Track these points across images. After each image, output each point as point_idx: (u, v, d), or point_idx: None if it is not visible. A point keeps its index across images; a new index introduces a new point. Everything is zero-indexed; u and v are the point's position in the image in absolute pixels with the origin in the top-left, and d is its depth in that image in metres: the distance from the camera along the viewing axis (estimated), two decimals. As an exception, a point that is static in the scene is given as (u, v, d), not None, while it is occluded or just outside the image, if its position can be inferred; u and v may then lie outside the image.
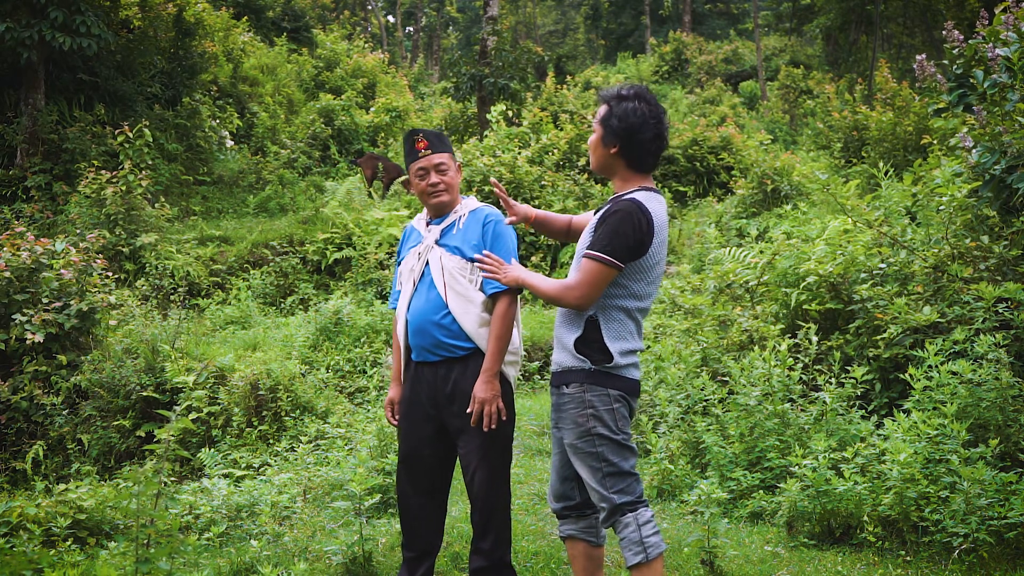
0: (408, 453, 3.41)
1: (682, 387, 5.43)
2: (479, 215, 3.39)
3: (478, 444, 3.25)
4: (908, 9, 22.93)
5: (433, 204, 3.39)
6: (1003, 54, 4.48)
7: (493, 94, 15.48)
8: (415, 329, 3.31)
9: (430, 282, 3.32)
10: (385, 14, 40.58)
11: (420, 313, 3.30)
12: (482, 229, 3.34)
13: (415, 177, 3.40)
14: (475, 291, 3.28)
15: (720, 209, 12.84)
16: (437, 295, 3.28)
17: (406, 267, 3.44)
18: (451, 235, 3.37)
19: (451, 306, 3.26)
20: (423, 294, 3.32)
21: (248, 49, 17.54)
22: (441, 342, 3.27)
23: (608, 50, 39.38)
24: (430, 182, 3.36)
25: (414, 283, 3.36)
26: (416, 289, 3.36)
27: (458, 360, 3.28)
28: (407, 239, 3.55)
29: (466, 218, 3.39)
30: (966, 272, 4.66)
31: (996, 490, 3.54)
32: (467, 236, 3.34)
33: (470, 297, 3.27)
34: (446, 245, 3.35)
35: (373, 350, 7.54)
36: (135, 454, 6.35)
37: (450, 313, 3.26)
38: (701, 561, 3.78)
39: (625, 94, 2.87)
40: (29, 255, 6.82)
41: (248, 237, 10.73)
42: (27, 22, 10.52)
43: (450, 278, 3.28)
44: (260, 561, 3.87)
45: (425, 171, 3.36)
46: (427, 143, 3.37)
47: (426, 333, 3.28)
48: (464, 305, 3.26)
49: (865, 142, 13.14)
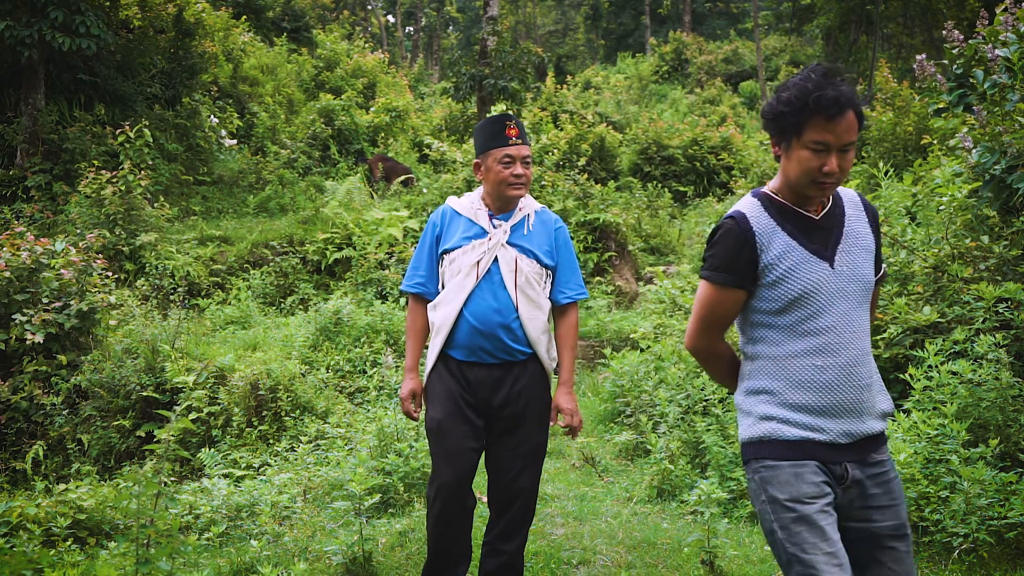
0: (461, 450, 3.13)
1: (682, 387, 5.43)
2: (545, 217, 3.29)
3: (530, 448, 3.18)
4: (908, 9, 22.92)
5: (510, 195, 3.20)
6: (1003, 54, 4.48)
7: (493, 94, 15.48)
8: (478, 330, 3.13)
9: (499, 282, 3.16)
10: (385, 14, 40.57)
11: (487, 314, 3.13)
12: (555, 234, 3.26)
13: (498, 164, 3.17)
14: (545, 298, 3.22)
15: (720, 209, 12.85)
16: (507, 297, 3.15)
17: (467, 259, 3.18)
18: (522, 235, 3.23)
19: (521, 311, 3.15)
20: (488, 293, 3.15)
21: (248, 49, 17.53)
22: (506, 346, 3.14)
23: (608, 50, 39.39)
24: (515, 172, 3.17)
25: (477, 278, 3.16)
26: (478, 286, 3.16)
27: (516, 364, 3.17)
28: (450, 223, 3.29)
29: (534, 219, 3.27)
30: (966, 272, 4.66)
31: (996, 490, 3.54)
32: (539, 240, 3.23)
33: (540, 304, 3.19)
34: (518, 246, 3.20)
35: (373, 350, 7.54)
36: (135, 454, 6.35)
37: (519, 318, 3.15)
38: (701, 561, 3.78)
39: None
40: (29, 255, 6.82)
41: (248, 237, 10.73)
42: (27, 22, 10.51)
43: (524, 282, 3.16)
44: (260, 561, 3.87)
45: (512, 160, 3.17)
46: (518, 131, 3.20)
47: (491, 336, 3.13)
48: (532, 311, 3.17)
49: (865, 142, 13.14)
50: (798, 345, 2.22)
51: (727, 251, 2.24)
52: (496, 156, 3.18)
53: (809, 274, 2.20)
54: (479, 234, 3.22)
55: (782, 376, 2.23)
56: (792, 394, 2.21)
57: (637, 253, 11.38)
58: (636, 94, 26.25)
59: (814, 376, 2.19)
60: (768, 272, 2.22)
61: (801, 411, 2.20)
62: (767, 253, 2.22)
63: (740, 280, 2.25)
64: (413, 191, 12.98)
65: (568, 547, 4.16)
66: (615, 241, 10.95)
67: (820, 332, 2.20)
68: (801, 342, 2.22)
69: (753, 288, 2.27)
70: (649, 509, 4.74)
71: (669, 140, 16.15)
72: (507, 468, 3.19)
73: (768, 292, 2.24)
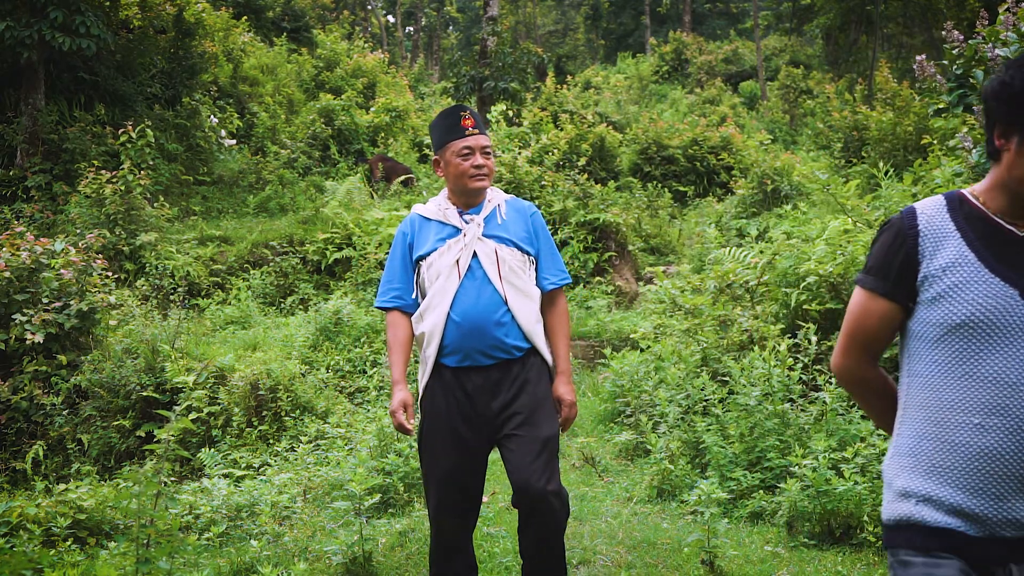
0: (451, 470, 3.00)
1: (682, 387, 5.43)
2: (518, 206, 3.16)
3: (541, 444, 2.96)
4: (908, 9, 22.91)
5: (473, 188, 3.07)
6: (1003, 54, 4.48)
7: (493, 94, 15.49)
8: (468, 331, 2.95)
9: (482, 277, 3.00)
10: (385, 14, 40.58)
11: (474, 313, 2.96)
12: (530, 220, 3.12)
13: (456, 156, 3.04)
14: (533, 286, 3.07)
15: (720, 209, 12.85)
16: (493, 291, 2.98)
17: (443, 260, 3.03)
18: (496, 226, 3.08)
19: (511, 303, 2.98)
20: (473, 291, 2.98)
21: (248, 49, 17.53)
22: (501, 344, 2.96)
23: (608, 50, 39.40)
24: (474, 163, 3.04)
25: (459, 277, 3.00)
26: (461, 285, 3.00)
27: (515, 361, 2.99)
28: (419, 230, 3.14)
29: (505, 208, 3.13)
30: (966, 272, 4.65)
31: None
32: (515, 227, 3.09)
33: (529, 292, 3.04)
34: (496, 236, 3.05)
35: (373, 350, 7.54)
36: (135, 454, 6.35)
37: (510, 311, 2.98)
38: (701, 561, 3.78)
39: None
40: (29, 255, 6.82)
41: (248, 237, 10.73)
42: (27, 22, 10.51)
43: (509, 272, 3.00)
44: (260, 561, 3.87)
45: (470, 151, 3.04)
46: (474, 121, 3.07)
47: (483, 334, 2.95)
48: (522, 301, 3.01)
49: (865, 142, 13.15)
50: (955, 392, 1.70)
51: (882, 251, 1.81)
52: (454, 149, 3.05)
53: (983, 297, 1.68)
54: (452, 233, 3.08)
55: (932, 433, 1.72)
56: (941, 460, 1.69)
57: (637, 253, 11.38)
58: (636, 94, 26.25)
59: (972, 439, 1.67)
60: (929, 286, 1.74)
61: (950, 486, 1.67)
62: (931, 261, 1.73)
63: (892, 290, 1.78)
64: (413, 191, 12.98)
65: (568, 547, 4.16)
66: (615, 241, 10.95)
67: (987, 380, 1.67)
68: (959, 389, 1.69)
69: (912, 305, 1.78)
70: (649, 509, 4.74)
71: (669, 140, 16.15)
72: (520, 468, 2.97)
73: (926, 312, 1.75)
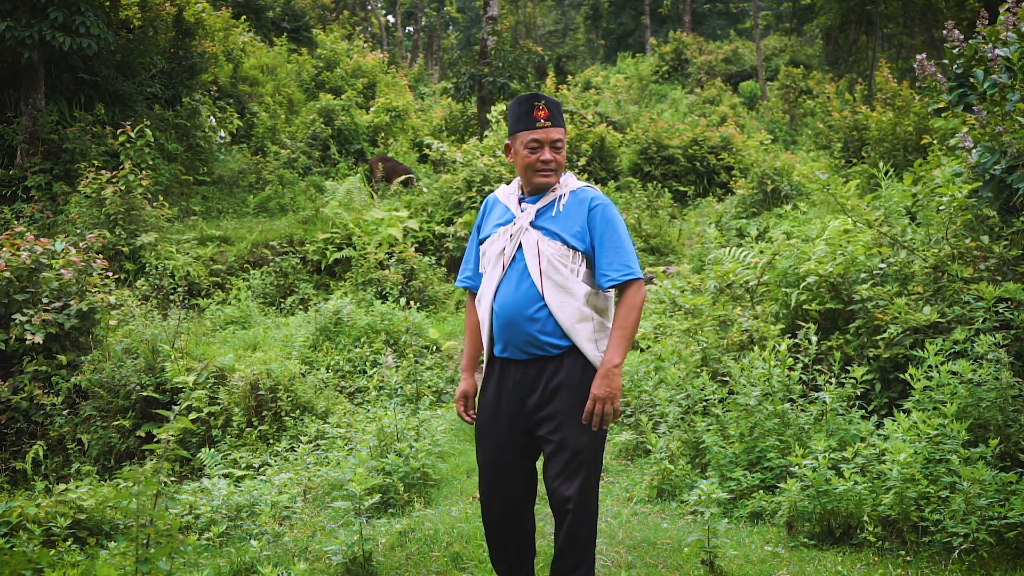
0: (493, 460, 2.97)
1: (682, 387, 5.43)
2: (582, 196, 2.96)
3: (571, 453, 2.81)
4: (908, 9, 22.92)
5: (538, 183, 2.95)
6: (1003, 54, 4.48)
7: (493, 94, 15.49)
8: (505, 323, 2.88)
9: (523, 269, 2.89)
10: (385, 14, 40.57)
11: (510, 306, 2.88)
12: (588, 214, 2.91)
13: (524, 148, 2.93)
14: (575, 282, 2.87)
15: (720, 209, 12.85)
16: (531, 285, 2.86)
17: (493, 248, 2.97)
18: (549, 217, 2.93)
19: (548, 298, 2.84)
20: (513, 282, 2.90)
21: (248, 49, 17.54)
22: (534, 339, 2.85)
23: (608, 50, 39.40)
24: (542, 158, 2.92)
25: (503, 268, 2.92)
26: (505, 275, 2.92)
27: (551, 359, 2.86)
28: (490, 212, 3.11)
29: (567, 199, 2.96)
30: (966, 272, 4.66)
31: (996, 490, 3.54)
32: (568, 221, 2.91)
33: (569, 289, 2.86)
34: (543, 228, 2.92)
35: (373, 350, 7.54)
36: (135, 454, 6.36)
37: (546, 307, 2.84)
38: (701, 561, 3.77)
39: None
40: (29, 255, 6.82)
41: (248, 237, 10.73)
42: (27, 22, 10.52)
43: (548, 266, 2.86)
44: (260, 561, 3.87)
45: (539, 144, 2.91)
46: (548, 112, 2.92)
47: (516, 328, 2.86)
48: (562, 298, 2.85)
49: (865, 142, 13.15)
50: None
51: None
52: (523, 140, 2.94)
53: None
54: (508, 220, 3.00)
55: None
56: None
57: (637, 253, 11.39)
58: (636, 94, 26.25)
59: None
60: None
61: None
62: None
63: None
64: (413, 191, 12.98)
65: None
66: (615, 241, 10.93)
67: None
68: None
69: None
70: (649, 509, 4.74)
71: (669, 140, 16.16)
72: (548, 475, 2.86)
73: None
